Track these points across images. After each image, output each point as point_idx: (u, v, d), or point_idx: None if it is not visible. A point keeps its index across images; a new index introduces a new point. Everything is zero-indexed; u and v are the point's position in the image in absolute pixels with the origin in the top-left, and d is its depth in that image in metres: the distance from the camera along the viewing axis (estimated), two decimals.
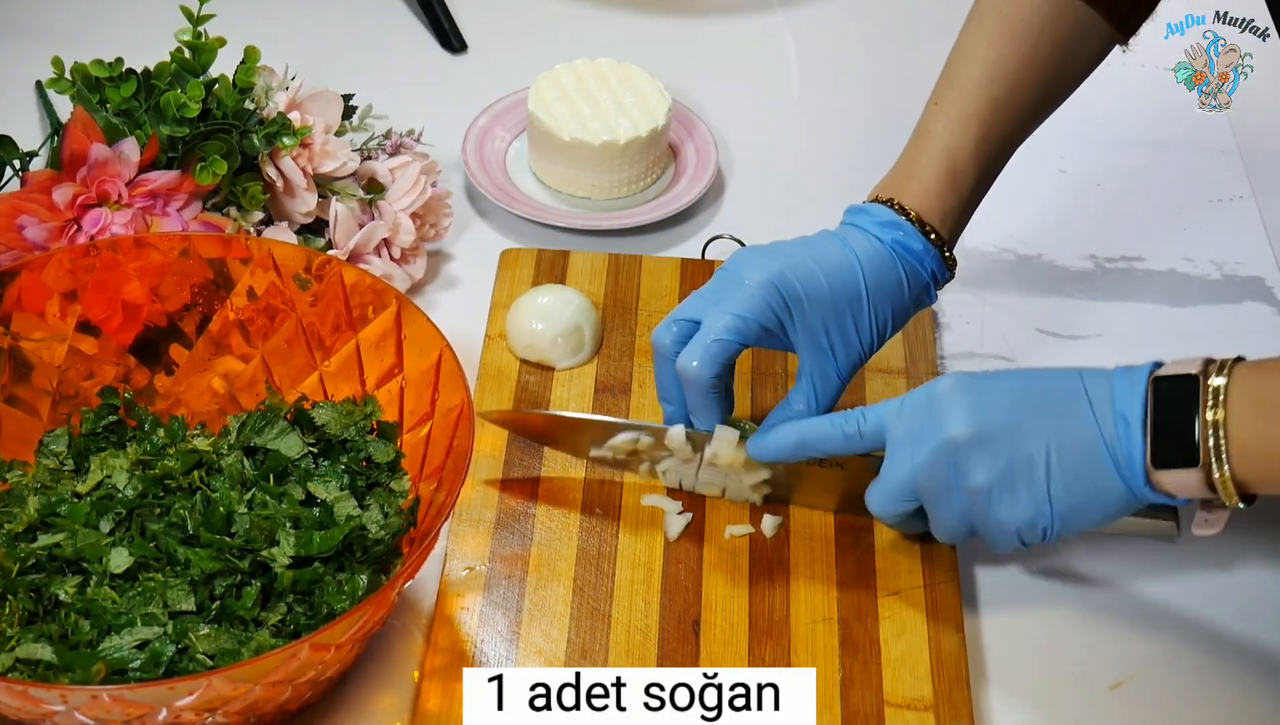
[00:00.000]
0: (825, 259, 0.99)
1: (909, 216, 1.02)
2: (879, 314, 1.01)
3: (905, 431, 0.93)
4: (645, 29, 1.52)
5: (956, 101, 1.03)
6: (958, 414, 0.90)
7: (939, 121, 1.03)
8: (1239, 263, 1.30)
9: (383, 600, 0.86)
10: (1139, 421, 0.87)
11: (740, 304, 0.97)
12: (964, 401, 0.90)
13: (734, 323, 0.97)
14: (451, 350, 0.97)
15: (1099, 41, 1.04)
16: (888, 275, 1.00)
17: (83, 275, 1.01)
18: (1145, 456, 0.87)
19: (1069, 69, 1.04)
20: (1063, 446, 0.89)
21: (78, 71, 1.15)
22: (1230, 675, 0.99)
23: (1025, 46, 1.02)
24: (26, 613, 0.90)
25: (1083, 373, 0.90)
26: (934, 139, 1.03)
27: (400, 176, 1.19)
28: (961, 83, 1.03)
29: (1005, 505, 0.90)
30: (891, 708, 0.94)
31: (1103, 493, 0.89)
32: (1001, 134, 1.04)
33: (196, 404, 1.05)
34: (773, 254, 0.99)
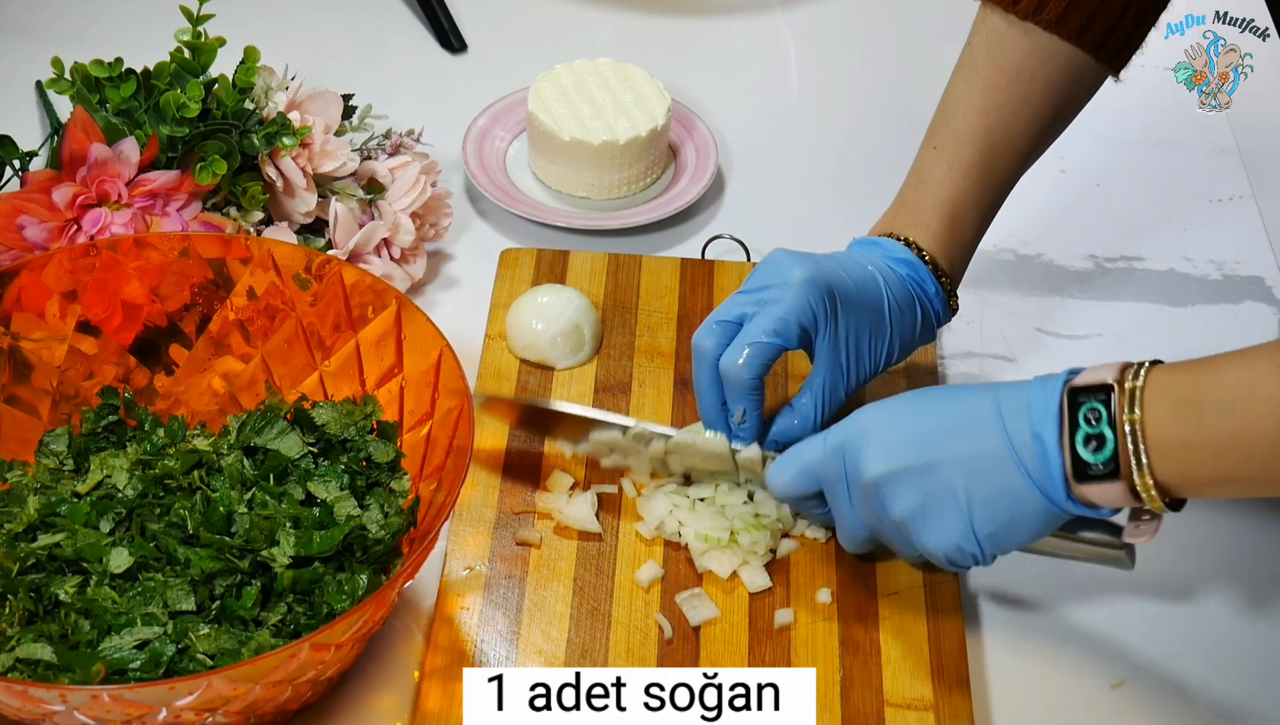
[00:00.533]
0: (855, 271, 1.02)
1: (923, 257, 1.04)
2: (893, 337, 1.03)
3: (835, 475, 0.94)
4: (645, 29, 1.52)
5: (954, 148, 1.04)
6: (870, 455, 0.91)
7: (939, 168, 1.05)
8: (1239, 263, 1.30)
9: (383, 600, 0.86)
10: (1054, 437, 0.86)
11: (784, 305, 0.99)
12: (874, 441, 0.91)
13: (777, 325, 0.98)
14: (451, 350, 0.97)
15: (1091, 80, 1.04)
16: (905, 302, 1.03)
17: (83, 275, 1.01)
18: (1064, 471, 0.85)
19: (1063, 111, 1.05)
20: (978, 472, 0.88)
21: (77, 71, 1.15)
22: (1230, 675, 0.99)
23: (1018, 92, 1.02)
24: (26, 613, 0.90)
25: (998, 391, 0.89)
26: (936, 186, 1.05)
27: (400, 176, 1.19)
28: (959, 130, 1.04)
29: (931, 534, 0.90)
30: (891, 708, 0.94)
31: (1026, 512, 0.88)
32: (999, 180, 1.05)
33: (196, 404, 1.05)
34: (811, 256, 1.01)
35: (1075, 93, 1.05)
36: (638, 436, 1.03)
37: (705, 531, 1.01)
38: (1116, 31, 1.01)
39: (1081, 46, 1.01)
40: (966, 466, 0.88)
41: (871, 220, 1.32)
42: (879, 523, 0.93)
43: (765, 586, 1.00)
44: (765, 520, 1.01)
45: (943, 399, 0.92)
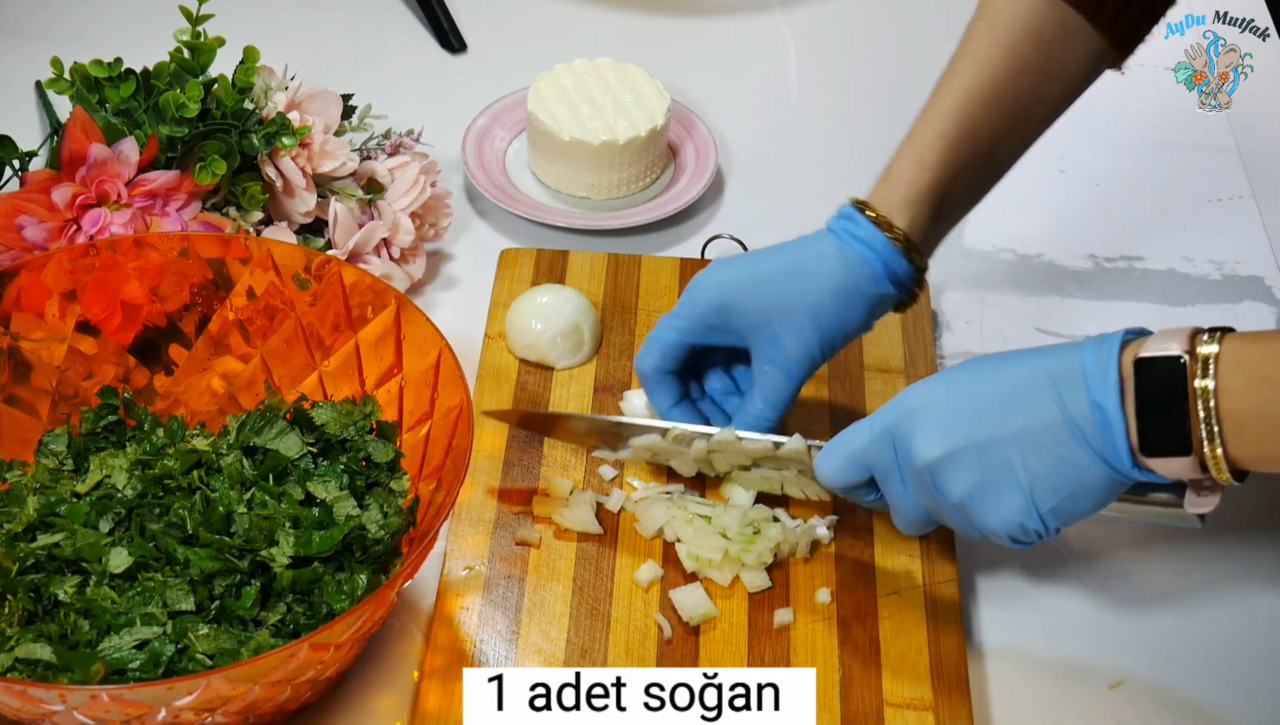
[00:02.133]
0: (772, 263, 1.02)
1: (863, 208, 1.02)
2: (825, 312, 1.01)
3: (885, 462, 0.92)
4: (645, 29, 1.52)
5: (937, 99, 1.03)
6: (921, 438, 0.89)
7: (919, 122, 1.03)
8: (1239, 262, 1.30)
9: (382, 600, 0.86)
10: (1115, 407, 0.83)
11: (686, 305, 1.03)
12: (925, 423, 0.89)
13: (674, 321, 1.03)
14: (451, 350, 0.97)
15: (1087, 48, 1.01)
16: (833, 272, 1.01)
17: (82, 275, 1.01)
18: (1129, 443, 0.83)
19: (1054, 73, 1.02)
20: (1036, 446, 0.86)
21: (77, 71, 1.15)
22: (1230, 675, 0.99)
23: (1005, 44, 1.01)
24: (26, 612, 0.90)
25: (1048, 358, 0.87)
26: (910, 136, 1.03)
27: (400, 176, 1.19)
28: (944, 81, 1.03)
29: (991, 513, 0.88)
30: (891, 707, 0.94)
31: (1088, 484, 0.86)
32: (978, 128, 1.02)
33: (196, 404, 1.05)
34: (731, 262, 1.03)
35: (1069, 58, 1.02)
36: (678, 438, 1.02)
37: (697, 551, 1.00)
38: (1130, 7, 1.00)
39: (1075, 5, 0.99)
40: (1023, 442, 0.86)
41: None
42: (936, 505, 0.91)
43: (765, 587, 1.00)
44: (766, 537, 1.00)
45: (991, 370, 0.89)
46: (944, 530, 1.02)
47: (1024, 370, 0.87)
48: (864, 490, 0.96)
